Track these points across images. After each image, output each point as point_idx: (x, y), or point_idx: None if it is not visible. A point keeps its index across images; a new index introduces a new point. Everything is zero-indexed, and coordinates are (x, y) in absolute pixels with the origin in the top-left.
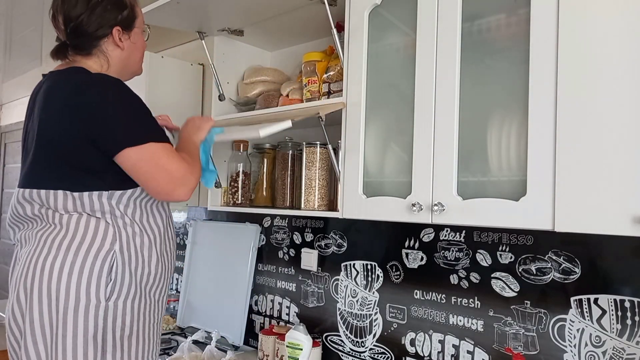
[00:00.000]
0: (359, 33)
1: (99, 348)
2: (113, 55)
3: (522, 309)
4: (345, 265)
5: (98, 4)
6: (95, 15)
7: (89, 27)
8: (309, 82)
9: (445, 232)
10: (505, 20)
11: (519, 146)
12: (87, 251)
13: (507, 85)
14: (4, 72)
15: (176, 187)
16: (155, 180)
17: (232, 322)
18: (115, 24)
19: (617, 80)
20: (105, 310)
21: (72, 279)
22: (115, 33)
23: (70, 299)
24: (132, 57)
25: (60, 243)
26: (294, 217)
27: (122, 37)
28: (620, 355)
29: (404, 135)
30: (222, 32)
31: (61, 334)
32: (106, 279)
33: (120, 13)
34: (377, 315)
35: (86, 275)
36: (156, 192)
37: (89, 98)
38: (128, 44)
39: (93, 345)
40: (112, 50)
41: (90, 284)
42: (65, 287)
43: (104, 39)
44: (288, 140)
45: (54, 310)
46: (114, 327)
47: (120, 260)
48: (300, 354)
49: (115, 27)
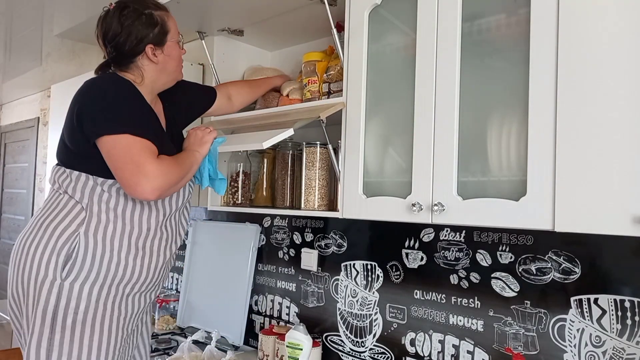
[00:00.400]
0: (359, 33)
1: (48, 324)
2: (148, 69)
3: (522, 309)
4: (345, 265)
5: (131, 24)
6: (130, 35)
7: (124, 47)
8: (309, 82)
9: (445, 232)
10: (505, 20)
11: (519, 146)
12: (54, 228)
13: (507, 85)
14: (4, 72)
15: (140, 181)
16: (122, 170)
17: (232, 322)
18: (148, 42)
19: (617, 80)
20: (59, 288)
21: (36, 253)
22: (149, 50)
23: (33, 271)
24: (167, 67)
25: (37, 219)
26: (294, 217)
27: (155, 53)
28: (620, 355)
29: (404, 135)
30: (222, 32)
31: (24, 303)
32: (65, 257)
33: (152, 31)
34: (377, 315)
35: (48, 251)
36: (122, 183)
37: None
38: (162, 57)
39: (42, 319)
40: (147, 65)
41: (49, 260)
42: (30, 260)
43: (138, 56)
44: (288, 140)
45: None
46: (67, 308)
47: (83, 244)
48: (300, 354)
49: (148, 45)
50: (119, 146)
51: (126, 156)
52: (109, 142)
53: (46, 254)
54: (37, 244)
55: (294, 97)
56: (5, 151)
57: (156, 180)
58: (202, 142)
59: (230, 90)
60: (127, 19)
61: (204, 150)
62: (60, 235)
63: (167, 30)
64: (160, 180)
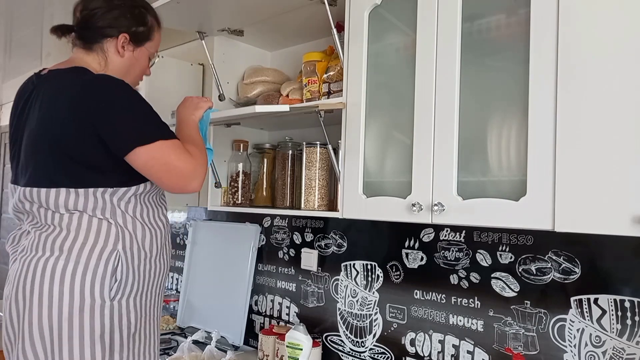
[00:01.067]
0: (359, 33)
1: (107, 348)
2: (111, 58)
3: (522, 309)
4: (345, 265)
5: (118, 7)
6: (110, 15)
7: (99, 22)
8: (309, 82)
9: (445, 232)
10: (505, 20)
11: (519, 146)
12: (90, 251)
13: (507, 85)
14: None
15: (187, 182)
16: (167, 177)
17: (232, 322)
18: (125, 31)
19: (617, 80)
20: (110, 310)
21: (75, 280)
22: (121, 38)
23: (75, 300)
24: (131, 70)
25: (61, 245)
26: (294, 217)
27: (125, 46)
28: (620, 355)
29: (404, 135)
30: (222, 32)
31: (67, 335)
32: (110, 279)
33: (136, 26)
34: (377, 315)
35: (90, 276)
36: (170, 188)
37: (98, 97)
38: (129, 55)
39: (100, 345)
40: (112, 54)
41: (94, 285)
42: (69, 288)
43: (108, 39)
44: (288, 140)
45: (57, 312)
46: (120, 326)
47: (124, 260)
48: (300, 354)
49: (123, 34)
50: (156, 155)
51: (167, 164)
52: (144, 154)
53: (87, 279)
54: (74, 270)
55: (294, 97)
56: (5, 151)
57: (200, 174)
58: (197, 107)
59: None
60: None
61: (199, 114)
62: (100, 257)
63: (149, 38)
64: (201, 171)
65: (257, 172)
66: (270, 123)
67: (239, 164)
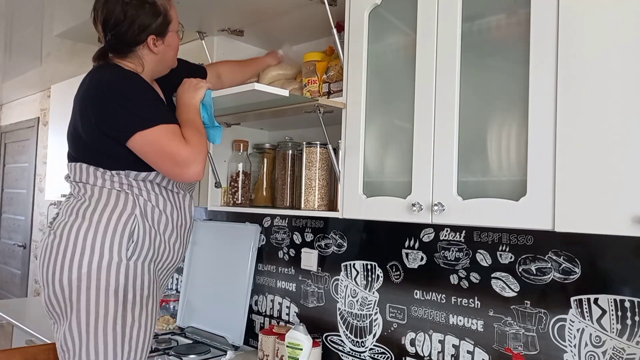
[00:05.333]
0: (359, 33)
1: (120, 302)
2: (147, 59)
3: (522, 309)
4: (345, 265)
5: (134, 15)
6: (133, 25)
7: (125, 36)
8: (309, 82)
9: (445, 232)
10: (505, 20)
11: (519, 146)
12: (110, 214)
13: (507, 85)
14: (4, 72)
15: (183, 169)
16: (163, 163)
17: (232, 322)
18: (150, 33)
19: (617, 80)
20: (126, 268)
21: (97, 238)
22: (150, 40)
23: (95, 255)
24: (165, 57)
25: (85, 210)
26: (294, 217)
27: (156, 43)
28: (620, 355)
29: (404, 135)
30: (222, 32)
31: (85, 286)
32: (128, 239)
33: (155, 22)
34: (377, 315)
35: (110, 234)
36: (167, 174)
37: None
38: (162, 47)
39: (114, 299)
40: (147, 55)
41: (113, 243)
42: (91, 245)
43: (139, 46)
44: (288, 140)
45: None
46: (134, 285)
47: (142, 223)
48: (300, 354)
49: (151, 36)
50: (150, 141)
51: (161, 150)
52: (139, 141)
53: (107, 237)
54: (96, 229)
55: None
56: (5, 151)
57: (196, 161)
58: (196, 88)
59: (220, 69)
60: (130, 7)
61: (200, 95)
62: (119, 219)
63: (170, 20)
64: (199, 158)
65: (257, 172)
66: (270, 123)
67: (239, 164)
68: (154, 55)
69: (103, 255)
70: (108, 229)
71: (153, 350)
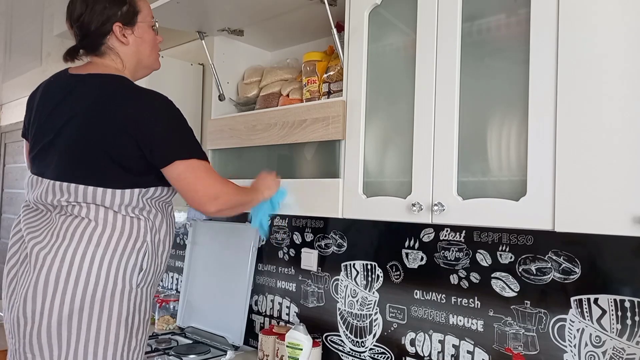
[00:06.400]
0: (359, 33)
1: (129, 329)
2: (121, 51)
3: (522, 309)
4: (345, 265)
5: (96, 3)
6: (94, 13)
7: (91, 25)
8: (309, 82)
9: (445, 232)
10: (505, 20)
11: (519, 146)
12: (125, 244)
13: (507, 85)
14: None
15: (209, 200)
16: (194, 191)
17: (232, 322)
18: (115, 20)
19: (617, 80)
20: (135, 296)
21: (112, 268)
22: (116, 29)
23: (109, 284)
24: (141, 51)
25: (99, 237)
26: (294, 217)
27: (125, 33)
28: (620, 355)
29: (404, 135)
30: (222, 32)
31: (97, 316)
32: (139, 267)
33: (120, 9)
34: (377, 315)
35: (123, 265)
36: (192, 201)
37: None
38: (133, 38)
39: (124, 327)
40: (119, 47)
41: (126, 272)
42: (105, 274)
43: (107, 36)
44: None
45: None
46: (140, 310)
47: (151, 250)
48: (300, 354)
49: (116, 23)
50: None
51: (198, 178)
52: (180, 167)
53: (121, 267)
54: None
55: (294, 97)
56: (5, 151)
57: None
58: (269, 187)
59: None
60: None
61: (267, 194)
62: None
63: (137, 10)
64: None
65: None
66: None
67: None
68: (125, 47)
69: (117, 284)
70: (122, 258)
71: (153, 350)
